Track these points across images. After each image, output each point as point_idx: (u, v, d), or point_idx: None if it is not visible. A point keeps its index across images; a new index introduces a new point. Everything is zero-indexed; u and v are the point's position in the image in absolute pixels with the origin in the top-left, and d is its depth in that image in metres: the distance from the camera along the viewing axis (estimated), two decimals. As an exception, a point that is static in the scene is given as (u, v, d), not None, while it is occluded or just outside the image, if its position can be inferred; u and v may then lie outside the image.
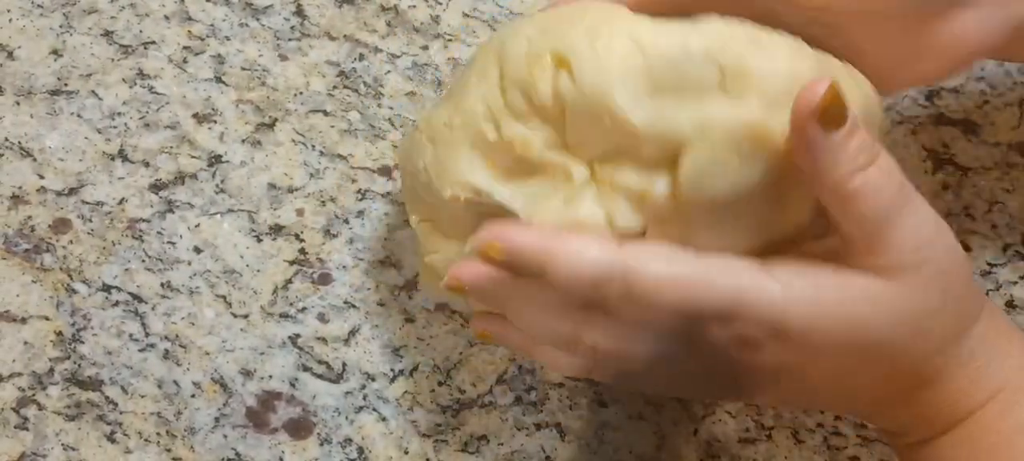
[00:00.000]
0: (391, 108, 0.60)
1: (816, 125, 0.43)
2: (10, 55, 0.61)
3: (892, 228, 0.43)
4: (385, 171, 0.59)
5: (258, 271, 0.58)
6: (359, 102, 0.61)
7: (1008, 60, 0.59)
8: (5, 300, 0.56)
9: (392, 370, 0.57)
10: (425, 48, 0.62)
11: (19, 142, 0.59)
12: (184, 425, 0.55)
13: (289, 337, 0.57)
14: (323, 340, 0.57)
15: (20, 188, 0.58)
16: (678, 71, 0.45)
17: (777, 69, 0.45)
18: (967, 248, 0.59)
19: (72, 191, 0.59)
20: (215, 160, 0.60)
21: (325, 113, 0.61)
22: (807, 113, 0.43)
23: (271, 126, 0.61)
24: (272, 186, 0.59)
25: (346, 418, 0.55)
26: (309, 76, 0.61)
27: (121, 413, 0.55)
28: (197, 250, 0.58)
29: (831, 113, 0.43)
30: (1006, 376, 0.46)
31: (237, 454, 0.54)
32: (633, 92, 0.44)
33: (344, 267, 0.58)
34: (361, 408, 0.56)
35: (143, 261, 0.57)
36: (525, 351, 0.48)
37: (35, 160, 0.59)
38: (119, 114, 0.60)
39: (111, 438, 0.54)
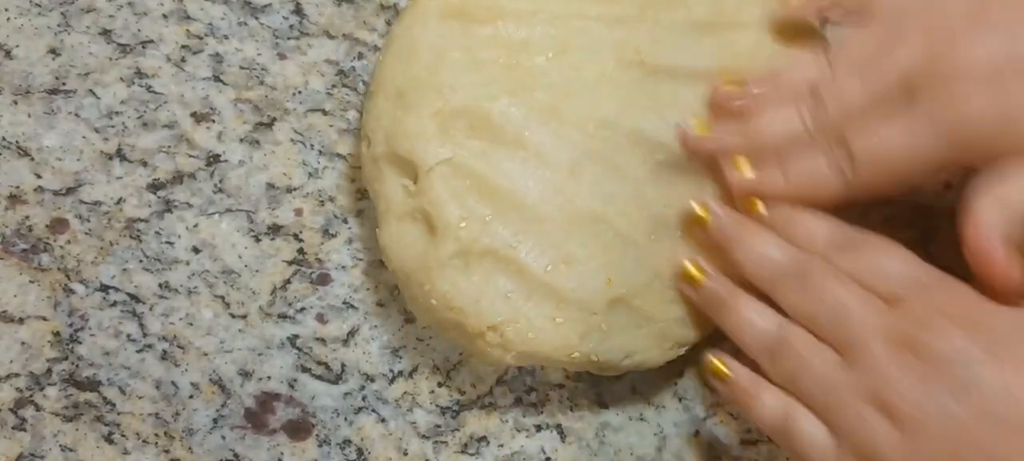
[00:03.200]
0: (390, 107, 0.60)
1: None
2: (8, 54, 0.61)
3: None
4: (384, 171, 0.59)
5: (256, 271, 0.58)
6: (358, 101, 0.60)
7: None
8: (2, 300, 0.56)
9: (391, 371, 0.56)
10: (425, 47, 0.61)
11: (16, 141, 0.59)
12: (182, 426, 0.55)
13: (288, 338, 0.56)
14: (322, 341, 0.57)
15: (17, 188, 0.58)
16: None
17: None
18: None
19: (70, 191, 0.58)
20: (213, 159, 0.59)
21: (324, 112, 0.60)
22: None
23: (270, 125, 0.60)
24: (271, 186, 0.59)
25: (345, 419, 0.55)
26: (308, 75, 0.61)
27: (119, 414, 0.55)
28: (195, 250, 0.58)
29: None
30: None
31: (235, 455, 0.54)
32: None
33: (343, 267, 0.58)
34: (360, 409, 0.56)
35: (141, 261, 0.57)
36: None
37: (32, 159, 0.59)
38: (117, 113, 0.60)
39: (109, 439, 0.54)
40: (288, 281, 0.58)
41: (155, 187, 0.59)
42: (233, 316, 0.57)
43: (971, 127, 0.46)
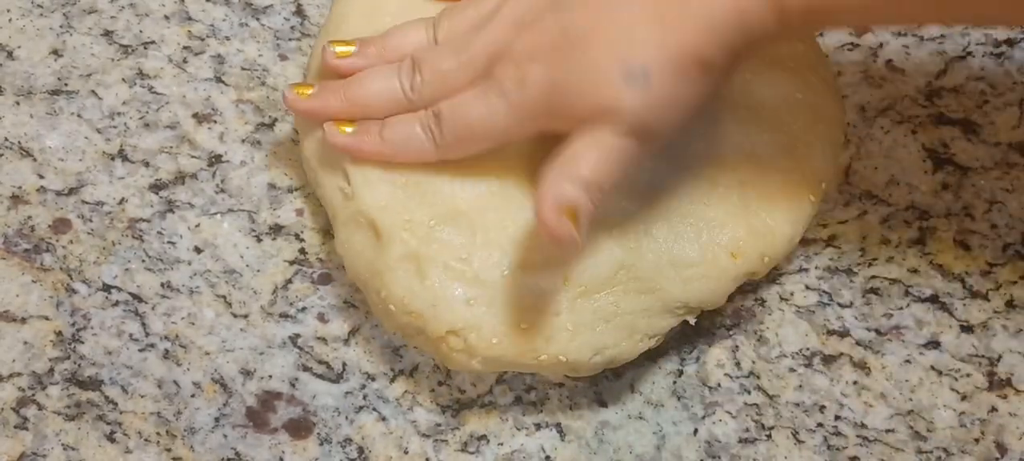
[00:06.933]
0: (391, 108, 0.60)
1: None
2: (10, 55, 0.61)
3: None
4: (385, 171, 0.59)
5: (258, 271, 0.58)
6: (359, 102, 0.61)
7: None
8: (5, 300, 0.56)
9: (392, 370, 0.56)
10: (425, 48, 0.61)
11: (19, 142, 0.59)
12: (184, 425, 0.55)
13: (289, 337, 0.57)
14: (323, 340, 0.57)
15: (20, 188, 0.58)
16: None
17: None
18: (967, 248, 0.59)
19: (72, 191, 0.59)
20: (215, 160, 0.60)
21: (325, 113, 0.60)
22: None
23: (271, 126, 0.61)
24: (272, 186, 0.59)
25: (346, 418, 0.55)
26: (309, 76, 0.61)
27: (121, 413, 0.55)
28: (197, 250, 0.58)
29: None
30: None
31: (237, 454, 0.54)
32: None
33: (343, 267, 0.58)
34: (361, 408, 0.56)
35: (143, 261, 0.57)
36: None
37: (35, 160, 0.59)
38: (119, 114, 0.60)
39: (111, 438, 0.54)
40: (289, 281, 0.58)
41: (157, 187, 0.59)
42: (235, 315, 0.57)
43: (529, 97, 0.51)
